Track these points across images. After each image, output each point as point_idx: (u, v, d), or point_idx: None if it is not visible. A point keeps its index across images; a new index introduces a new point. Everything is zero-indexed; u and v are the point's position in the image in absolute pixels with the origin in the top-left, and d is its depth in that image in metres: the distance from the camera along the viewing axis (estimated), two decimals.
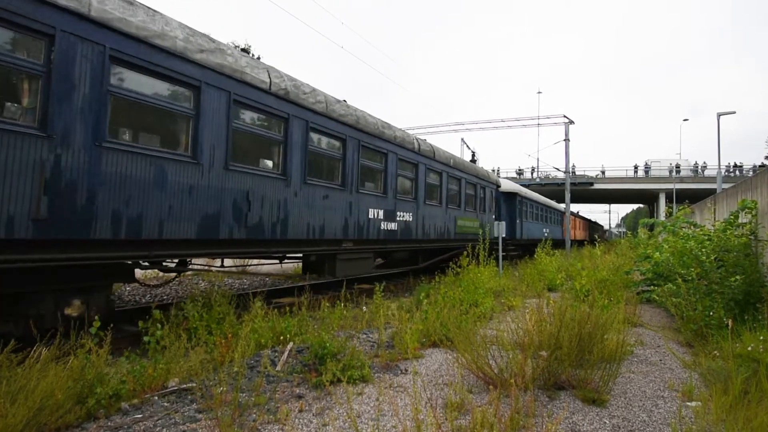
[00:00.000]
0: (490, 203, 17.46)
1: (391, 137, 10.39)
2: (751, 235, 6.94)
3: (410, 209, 11.20)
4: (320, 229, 8.08)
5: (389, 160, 10.29)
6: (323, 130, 8.19)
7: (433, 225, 12.44)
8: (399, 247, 11.11)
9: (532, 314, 4.72)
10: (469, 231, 14.86)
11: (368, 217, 9.48)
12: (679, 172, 50.62)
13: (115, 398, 3.47)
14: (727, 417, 3.25)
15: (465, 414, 3.43)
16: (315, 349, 4.37)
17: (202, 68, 5.88)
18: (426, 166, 12.04)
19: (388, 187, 10.22)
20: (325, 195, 8.20)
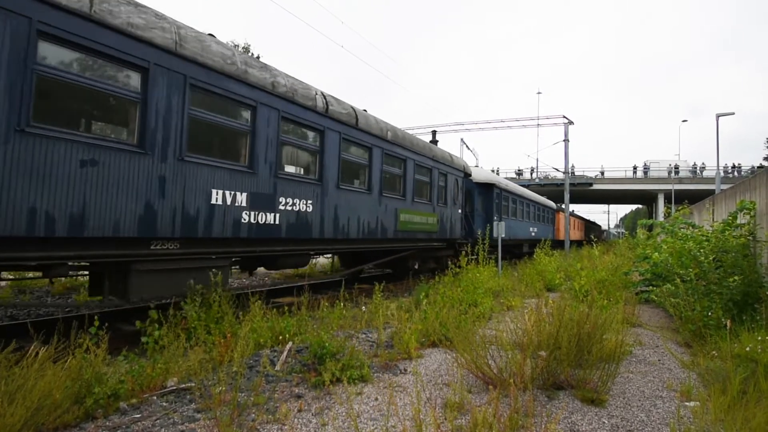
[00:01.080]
0: (454, 194, 14.30)
1: (260, 82, 6.85)
2: (750, 236, 6.95)
3: (307, 195, 7.90)
4: (96, 221, 4.90)
5: (259, 117, 6.87)
6: None
7: (354, 219, 9.23)
8: (286, 250, 7.73)
9: (531, 314, 4.72)
10: (419, 228, 11.94)
11: (210, 202, 6.06)
12: (677, 173, 50.69)
13: (114, 398, 3.46)
14: (725, 417, 3.25)
15: (464, 414, 3.43)
16: (314, 349, 4.36)
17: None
18: (342, 135, 8.85)
19: (257, 158, 6.83)
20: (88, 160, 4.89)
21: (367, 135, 9.73)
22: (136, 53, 5.30)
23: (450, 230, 13.88)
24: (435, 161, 12.98)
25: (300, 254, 8.39)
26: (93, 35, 4.89)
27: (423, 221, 12.16)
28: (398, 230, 10.86)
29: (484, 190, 17.60)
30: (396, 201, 10.86)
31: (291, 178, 7.66)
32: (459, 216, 14.63)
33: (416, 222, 11.80)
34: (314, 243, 8.43)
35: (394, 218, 10.71)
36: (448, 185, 13.92)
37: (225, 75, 6.29)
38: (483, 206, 17.60)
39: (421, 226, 12.08)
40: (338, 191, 8.77)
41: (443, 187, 13.64)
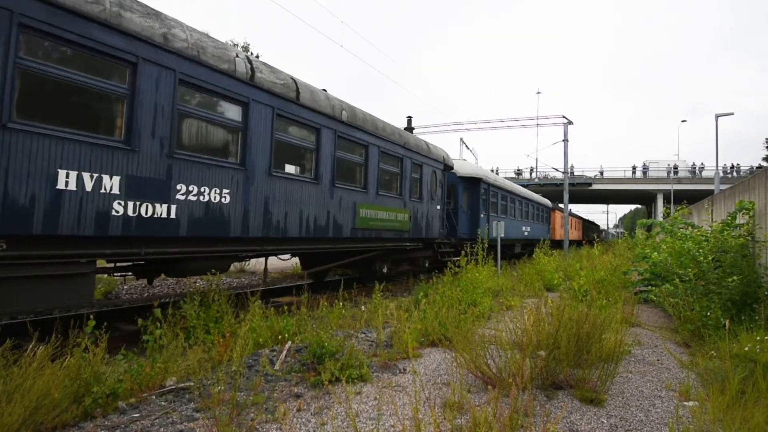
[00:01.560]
0: (431, 188, 12.61)
1: (144, 32, 5.35)
2: (749, 236, 6.96)
3: (223, 182, 6.29)
4: None
5: (142, 78, 5.32)
6: None
7: (295, 213, 7.53)
8: (187, 252, 6.09)
9: (531, 314, 4.72)
10: (386, 226, 10.33)
11: (56, 187, 4.54)
12: (677, 173, 50.75)
13: (113, 397, 3.46)
14: (724, 417, 3.26)
15: (464, 413, 3.43)
16: (313, 349, 4.36)
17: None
18: (277, 111, 7.17)
19: (139, 132, 5.27)
20: None
21: (314, 113, 8.03)
22: None
23: (426, 229, 12.36)
24: (407, 149, 11.27)
25: (212, 257, 6.55)
26: None
27: (391, 218, 10.47)
28: (358, 228, 9.27)
29: (470, 186, 16.10)
30: (355, 194, 9.21)
31: (196, 160, 5.92)
32: (438, 213, 12.98)
33: (382, 219, 10.16)
34: (234, 243, 6.70)
35: (351, 214, 9.08)
36: (424, 178, 12.18)
37: (83, 17, 4.73)
38: (468, 203, 16.07)
39: (389, 223, 10.41)
40: (270, 179, 7.02)
41: (417, 179, 11.94)
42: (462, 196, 15.74)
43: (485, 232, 15.88)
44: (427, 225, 12.43)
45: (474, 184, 16.31)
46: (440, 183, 13.30)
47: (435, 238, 13.03)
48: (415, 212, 11.76)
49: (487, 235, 16.14)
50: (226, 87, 6.40)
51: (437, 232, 13.07)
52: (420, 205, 12.04)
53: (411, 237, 11.71)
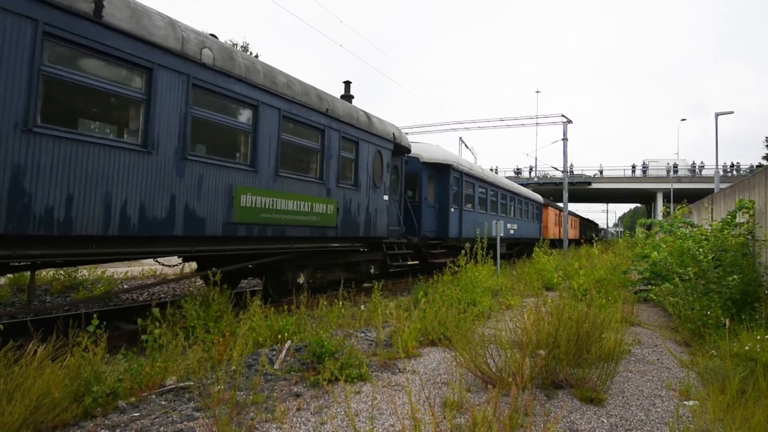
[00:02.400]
0: (374, 173, 10.03)
1: None
2: (749, 235, 6.96)
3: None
4: None
5: None
6: None
7: (94, 198, 4.94)
8: None
9: (530, 313, 4.72)
10: (295, 221, 7.77)
11: None
12: (676, 172, 50.78)
13: (113, 396, 3.46)
14: (724, 416, 3.26)
15: (463, 413, 3.43)
16: (313, 348, 4.36)
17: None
18: (47, 29, 4.50)
19: None
20: None
21: (140, 44, 5.33)
22: None
23: (367, 225, 9.79)
24: (333, 119, 8.56)
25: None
26: None
27: (304, 210, 7.84)
28: (237, 223, 6.67)
29: (437, 174, 13.69)
30: (231, 173, 6.59)
31: None
32: (385, 205, 10.46)
33: (286, 211, 7.53)
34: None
35: (225, 201, 6.46)
36: (363, 159, 9.50)
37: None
38: (435, 195, 13.67)
39: (301, 216, 7.78)
40: (27, 140, 4.37)
41: (351, 160, 9.33)
42: (427, 187, 13.25)
43: (457, 230, 14.12)
44: (367, 220, 9.77)
45: (442, 172, 13.75)
46: (389, 167, 10.57)
47: (382, 237, 10.37)
48: (347, 203, 9.09)
49: (459, 233, 14.26)
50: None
51: (385, 229, 10.42)
52: (355, 195, 9.36)
53: (341, 236, 8.97)
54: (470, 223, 15.52)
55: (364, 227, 9.79)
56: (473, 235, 14.53)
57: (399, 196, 11.71)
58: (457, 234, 14.38)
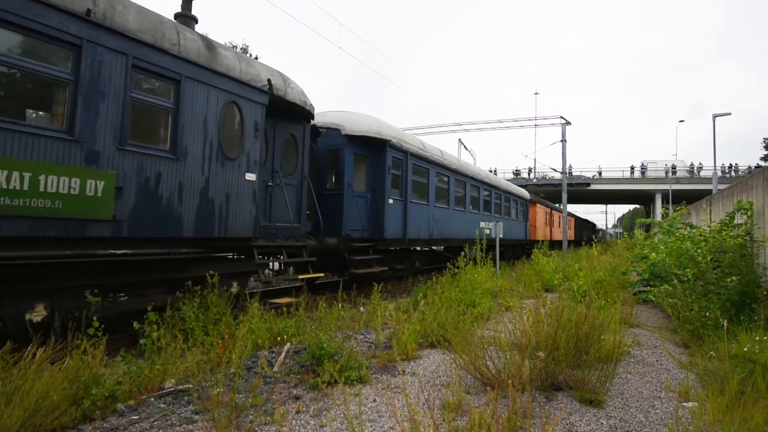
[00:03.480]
0: (226, 137, 6.73)
1: None
2: (747, 236, 6.97)
3: None
4: None
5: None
6: None
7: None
8: None
9: (530, 315, 4.72)
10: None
11: None
12: (675, 173, 50.87)
13: (111, 399, 3.45)
14: (723, 417, 3.26)
15: (462, 415, 3.42)
16: (312, 350, 4.36)
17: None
18: None
19: None
20: None
21: None
22: None
23: (206, 219, 6.35)
24: (108, 31, 5.22)
25: None
26: None
27: (16, 187, 4.40)
28: None
29: (369, 153, 10.60)
30: None
31: None
32: (251, 188, 7.03)
33: None
34: None
35: None
36: (194, 110, 6.17)
37: None
38: (367, 181, 10.59)
39: (11, 200, 4.37)
40: None
41: (165, 110, 5.98)
42: (352, 170, 10.15)
43: (399, 229, 11.08)
44: (205, 211, 6.28)
45: (376, 150, 10.65)
46: (257, 128, 7.05)
47: (249, 239, 7.08)
48: (146, 180, 5.61)
49: (403, 233, 11.19)
50: None
51: (251, 226, 6.96)
52: (173, 168, 5.90)
53: (132, 235, 5.50)
54: (422, 220, 12.37)
55: (196, 222, 6.09)
56: (426, 236, 12.35)
57: (299, 180, 8.50)
58: (398, 234, 11.20)
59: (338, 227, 9.89)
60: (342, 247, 9.83)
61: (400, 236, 11.37)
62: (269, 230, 7.95)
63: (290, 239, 8.33)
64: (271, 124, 7.96)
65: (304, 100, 8.40)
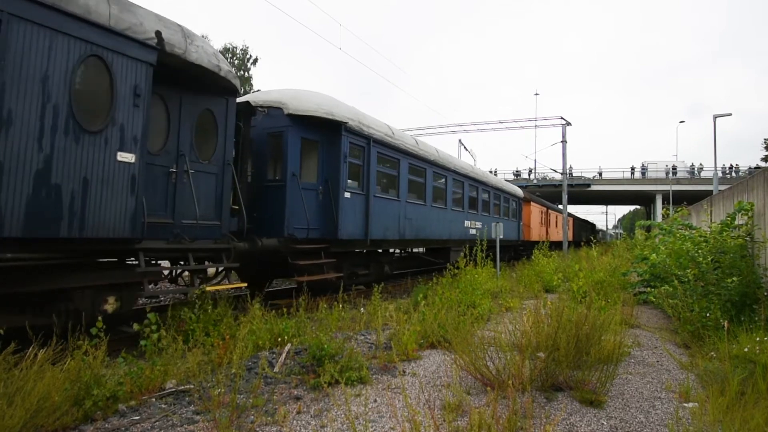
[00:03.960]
0: (80, 102, 4.89)
1: None
2: (748, 237, 6.97)
3: None
4: None
5: None
6: None
7: None
8: None
9: (530, 315, 4.73)
10: None
11: None
12: (675, 174, 50.84)
13: (113, 400, 3.46)
14: (723, 418, 3.26)
15: (463, 415, 3.43)
16: (313, 351, 4.37)
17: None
18: None
19: None
20: None
21: None
22: None
23: (35, 212, 4.48)
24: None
25: None
26: None
27: None
28: None
29: (320, 137, 8.97)
30: None
31: None
32: (129, 172, 5.37)
33: None
34: None
35: None
36: (35, 64, 4.52)
37: None
38: (317, 171, 8.99)
39: None
40: None
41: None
42: (297, 157, 8.50)
43: (359, 227, 9.59)
44: (52, 202, 4.67)
45: (328, 135, 9.02)
46: (139, 94, 5.47)
47: (128, 240, 5.49)
48: None
49: (365, 232, 9.71)
50: None
51: (127, 223, 5.32)
52: None
53: None
54: (390, 218, 10.73)
55: (26, 217, 4.43)
56: (396, 236, 10.83)
57: (218, 167, 6.97)
58: (358, 233, 9.62)
59: (279, 226, 8.26)
60: (284, 249, 8.13)
61: (360, 236, 9.73)
62: (171, 229, 6.24)
63: (205, 240, 6.68)
64: (173, 95, 6.34)
65: (217, 64, 6.53)
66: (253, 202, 8.22)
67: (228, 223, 7.16)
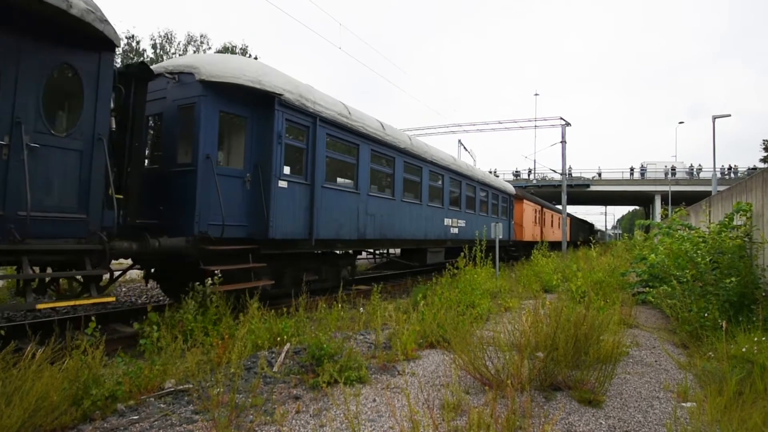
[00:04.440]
0: None
1: None
2: (746, 237, 6.99)
3: None
4: None
5: None
6: None
7: None
8: None
9: (529, 315, 4.73)
10: None
11: None
12: (674, 175, 50.90)
13: (111, 399, 3.46)
14: (721, 418, 3.27)
15: (462, 415, 3.43)
16: (312, 350, 4.37)
17: None
18: None
19: None
20: None
21: None
22: None
23: None
24: None
25: None
26: None
27: None
28: None
29: (248, 113, 7.41)
30: None
31: None
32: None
33: None
34: None
35: None
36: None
37: None
38: (244, 154, 7.42)
39: None
40: None
41: None
42: (209, 134, 6.83)
43: (301, 224, 7.93)
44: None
45: (260, 110, 7.45)
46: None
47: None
48: None
49: (308, 230, 8.03)
50: None
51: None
52: None
53: None
54: (344, 214, 9.12)
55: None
56: (354, 235, 9.31)
57: (85, 143, 5.43)
58: (299, 232, 7.95)
59: (188, 221, 6.58)
60: (193, 251, 6.50)
61: (302, 235, 8.04)
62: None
63: (58, 239, 5.14)
64: (2, 42, 4.74)
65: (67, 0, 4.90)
66: (157, 191, 6.83)
67: (100, 217, 5.54)
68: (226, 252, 6.88)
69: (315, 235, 8.30)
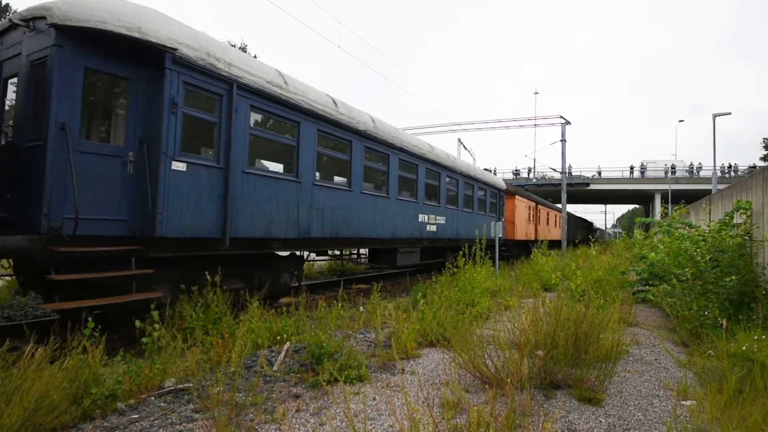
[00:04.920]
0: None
1: None
2: (746, 236, 6.98)
3: None
4: None
5: None
6: None
7: None
8: None
9: (529, 314, 4.73)
10: None
11: None
12: (674, 173, 50.90)
13: (111, 398, 3.46)
14: (721, 416, 3.27)
15: (461, 413, 3.43)
16: (312, 349, 4.37)
17: None
18: None
19: None
20: None
21: None
22: None
23: None
24: None
25: None
26: None
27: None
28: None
29: (129, 72, 5.60)
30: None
31: None
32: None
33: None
34: None
35: None
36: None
37: None
38: (126, 126, 5.65)
39: None
40: None
41: None
42: (64, 99, 5.10)
43: (210, 219, 6.17)
44: None
45: (147, 70, 5.68)
46: None
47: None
48: None
49: (222, 228, 6.32)
50: None
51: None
52: None
53: None
54: (277, 207, 7.38)
55: None
56: (294, 233, 7.63)
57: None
58: (207, 228, 6.19)
59: (34, 214, 5.00)
60: (40, 254, 4.82)
61: (212, 233, 6.28)
62: None
63: None
64: None
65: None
66: (7, 174, 5.39)
67: None
68: (93, 255, 5.06)
69: (231, 232, 6.47)
